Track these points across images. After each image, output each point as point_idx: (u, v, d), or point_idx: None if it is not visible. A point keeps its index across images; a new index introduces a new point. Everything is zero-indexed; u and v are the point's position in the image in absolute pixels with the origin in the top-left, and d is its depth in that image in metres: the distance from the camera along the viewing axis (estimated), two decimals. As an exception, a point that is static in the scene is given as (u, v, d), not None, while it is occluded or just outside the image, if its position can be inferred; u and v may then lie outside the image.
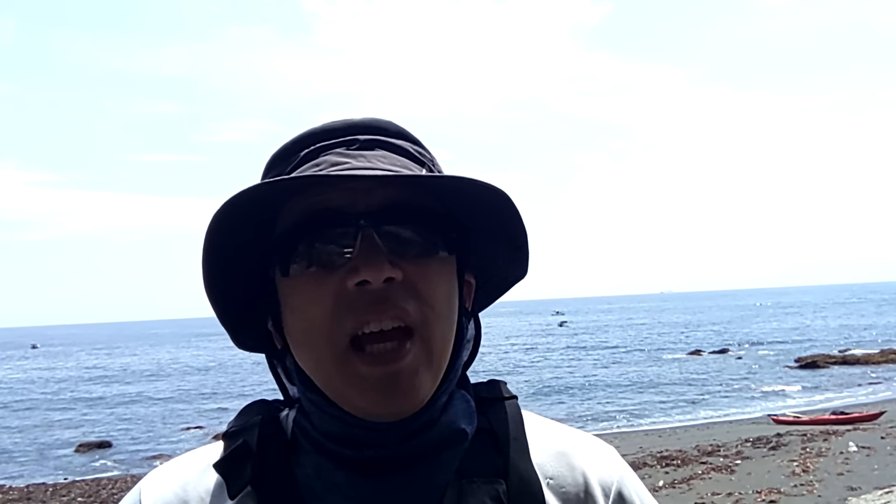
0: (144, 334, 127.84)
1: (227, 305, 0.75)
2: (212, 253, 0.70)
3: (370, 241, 0.65)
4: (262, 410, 0.76)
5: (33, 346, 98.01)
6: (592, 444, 0.79)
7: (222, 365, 49.02)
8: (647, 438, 16.71)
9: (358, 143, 0.72)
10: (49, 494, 14.37)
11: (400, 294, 0.66)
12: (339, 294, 0.65)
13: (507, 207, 0.72)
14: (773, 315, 77.90)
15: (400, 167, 0.71)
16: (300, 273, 0.68)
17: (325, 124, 0.75)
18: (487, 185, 0.68)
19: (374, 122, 0.76)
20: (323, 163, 0.70)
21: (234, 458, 0.71)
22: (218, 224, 0.67)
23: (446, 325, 0.70)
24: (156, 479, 0.75)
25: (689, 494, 9.86)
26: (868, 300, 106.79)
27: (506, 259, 0.80)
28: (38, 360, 67.31)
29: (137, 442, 22.30)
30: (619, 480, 0.77)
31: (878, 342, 40.23)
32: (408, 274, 0.66)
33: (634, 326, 70.73)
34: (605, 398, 26.41)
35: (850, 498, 8.66)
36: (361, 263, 0.64)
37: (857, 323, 59.07)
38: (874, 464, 10.59)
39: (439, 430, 0.69)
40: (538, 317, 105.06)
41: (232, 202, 0.65)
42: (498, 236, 0.76)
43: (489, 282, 0.82)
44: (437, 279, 0.69)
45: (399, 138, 0.76)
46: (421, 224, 0.69)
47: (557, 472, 0.75)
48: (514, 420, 0.76)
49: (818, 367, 31.13)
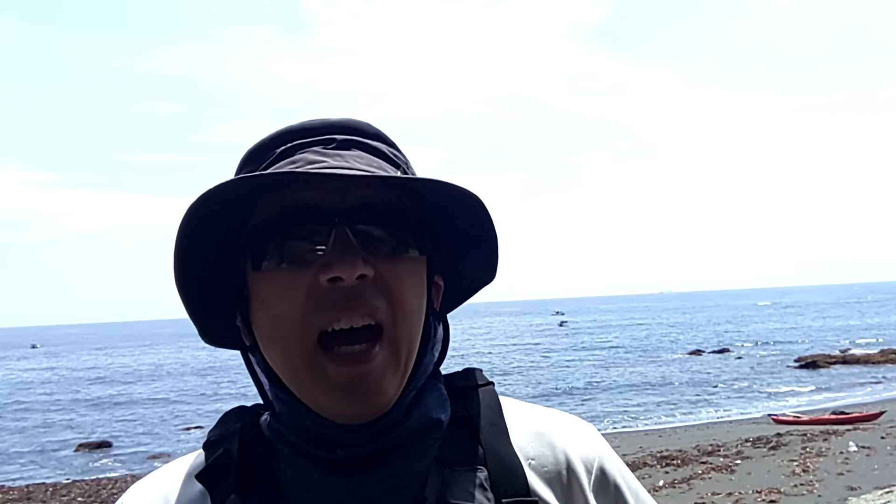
0: (144, 334, 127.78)
1: (195, 299, 0.74)
2: (185, 246, 0.69)
3: (344, 238, 0.66)
4: (241, 417, 0.76)
5: (33, 345, 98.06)
6: (571, 423, 0.80)
7: (222, 365, 49.01)
8: (647, 438, 16.71)
9: (335, 143, 0.73)
10: (49, 494, 14.38)
11: (371, 291, 0.66)
12: (312, 289, 0.66)
13: (480, 212, 0.72)
14: (773, 315, 77.88)
15: (376, 168, 0.72)
16: (272, 268, 0.68)
17: (303, 122, 0.76)
18: (461, 189, 0.69)
19: (350, 122, 0.76)
20: (299, 160, 0.70)
21: (216, 467, 0.71)
22: (192, 218, 0.67)
23: (414, 325, 0.70)
24: (138, 492, 0.75)
25: (689, 494, 9.86)
26: (868, 300, 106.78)
27: (475, 262, 0.80)
28: (38, 360, 67.28)
29: (137, 442, 22.29)
30: (600, 456, 0.78)
31: (878, 342, 40.25)
32: (379, 272, 0.67)
33: (634, 326, 70.68)
34: (604, 398, 26.41)
35: (850, 498, 8.66)
36: (335, 259, 0.65)
37: (857, 323, 59.09)
38: (874, 464, 10.59)
39: (410, 425, 0.70)
40: (538, 317, 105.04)
41: (208, 196, 0.66)
42: (469, 240, 0.77)
43: (457, 284, 0.83)
44: (408, 278, 0.70)
45: (375, 139, 0.76)
46: (394, 224, 0.69)
47: (538, 452, 0.75)
48: (492, 406, 0.76)
49: (818, 367, 31.13)
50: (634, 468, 11.98)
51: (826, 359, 32.85)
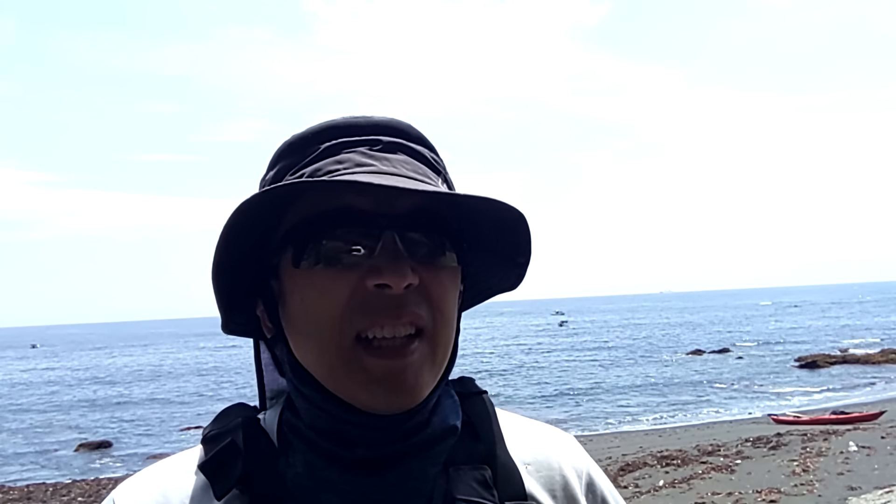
0: (144, 334, 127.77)
1: (226, 289, 0.74)
2: (228, 241, 0.69)
3: (392, 245, 0.66)
4: (241, 413, 0.76)
5: (32, 345, 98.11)
6: (558, 434, 0.84)
7: (222, 365, 48.99)
8: (647, 438, 16.70)
9: (381, 145, 0.72)
10: (49, 494, 14.37)
11: (416, 300, 0.67)
12: (355, 292, 0.66)
13: (521, 228, 0.73)
14: (773, 315, 77.84)
15: (421, 175, 0.72)
16: (314, 265, 0.68)
17: (347, 118, 0.75)
18: (508, 207, 0.69)
19: (396, 123, 0.76)
20: (346, 161, 0.70)
21: (220, 458, 0.70)
22: (241, 215, 0.67)
23: (451, 331, 0.72)
24: (131, 487, 0.73)
25: (690, 494, 9.84)
26: (869, 300, 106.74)
27: (501, 273, 0.81)
28: (38, 360, 67.28)
29: (137, 442, 22.29)
30: (588, 466, 0.82)
31: (878, 342, 40.25)
32: (423, 280, 0.67)
33: (634, 326, 70.68)
34: (605, 398, 26.39)
35: (850, 497, 8.65)
36: (385, 266, 0.65)
37: (857, 323, 59.07)
38: (874, 463, 10.58)
39: (432, 429, 0.70)
40: (538, 317, 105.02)
41: (262, 196, 0.65)
42: (499, 252, 0.77)
43: (471, 289, 0.83)
44: (448, 286, 0.71)
45: (419, 143, 0.76)
46: (438, 233, 0.70)
47: (533, 458, 0.78)
48: (488, 412, 0.79)
49: (818, 367, 31.13)
50: (634, 468, 11.98)
51: (826, 359, 32.85)
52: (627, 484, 10.68)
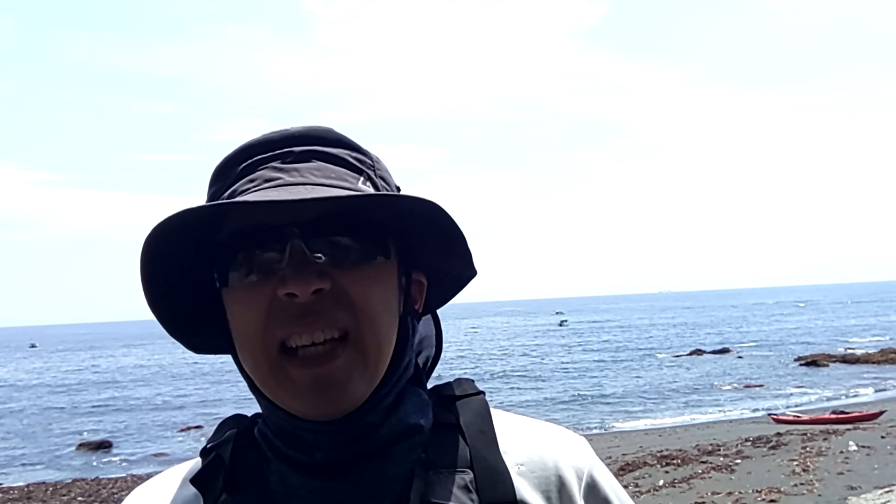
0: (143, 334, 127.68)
1: (173, 317, 0.76)
2: (149, 270, 0.71)
3: (298, 252, 0.67)
4: (236, 424, 0.79)
5: (32, 345, 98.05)
6: (563, 434, 0.81)
7: (222, 366, 49.02)
8: (648, 438, 16.71)
9: (293, 156, 0.73)
10: (49, 494, 14.39)
11: (329, 305, 0.67)
12: (272, 303, 0.67)
13: (440, 216, 0.71)
14: (773, 314, 77.88)
15: (335, 178, 0.72)
16: (237, 282, 0.70)
17: (262, 136, 0.76)
18: (415, 199, 0.68)
19: (311, 131, 0.76)
20: (257, 178, 0.71)
21: (208, 471, 0.74)
22: (150, 247, 0.69)
23: (383, 329, 0.71)
24: (140, 495, 0.79)
25: (690, 494, 9.85)
26: (868, 300, 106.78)
27: (453, 260, 0.80)
28: (37, 360, 67.28)
29: (137, 441, 22.29)
30: (590, 466, 0.78)
31: (878, 342, 40.26)
32: (338, 283, 0.68)
33: (634, 326, 70.72)
34: (604, 398, 26.40)
35: (850, 497, 8.65)
36: (289, 275, 0.66)
37: (857, 322, 59.08)
38: (874, 463, 10.58)
39: (387, 429, 0.71)
40: (538, 316, 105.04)
41: (161, 227, 0.67)
42: (438, 241, 0.76)
43: (443, 280, 0.82)
44: (372, 285, 0.70)
45: (336, 146, 0.76)
46: (353, 233, 0.70)
47: (528, 458, 0.76)
48: (481, 414, 0.77)
49: (818, 367, 31.16)
50: (635, 468, 11.99)
51: (826, 358, 32.89)
52: (627, 483, 10.68)
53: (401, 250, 0.74)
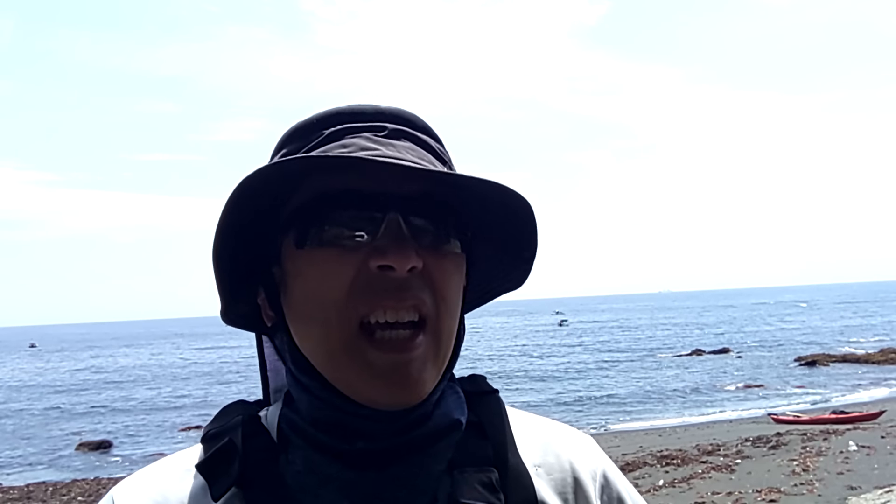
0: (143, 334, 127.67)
1: (227, 276, 0.72)
2: (228, 223, 0.67)
3: (397, 226, 0.65)
4: (241, 411, 0.74)
5: (32, 345, 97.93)
6: (574, 434, 0.81)
7: (222, 365, 49.00)
8: (647, 438, 16.70)
9: (386, 131, 0.71)
10: (49, 493, 14.37)
11: (419, 284, 0.65)
12: (359, 273, 0.65)
13: (529, 220, 0.71)
14: (773, 314, 77.84)
15: (427, 163, 0.70)
16: (317, 246, 0.66)
17: (352, 106, 0.74)
18: (515, 194, 0.68)
19: (401, 112, 0.75)
20: (350, 145, 0.69)
21: (218, 457, 0.68)
22: (241, 194, 0.65)
23: (454, 322, 0.70)
24: (130, 486, 0.71)
25: (690, 494, 9.85)
26: (868, 300, 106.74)
27: (505, 270, 0.79)
28: (37, 360, 67.23)
29: (137, 441, 22.28)
30: (603, 466, 0.79)
31: (878, 342, 40.24)
32: (427, 265, 0.66)
33: (634, 326, 70.68)
34: (604, 398, 26.38)
35: (850, 497, 8.65)
36: (389, 248, 0.64)
37: (857, 322, 59.07)
38: (874, 463, 10.58)
39: (434, 423, 0.69)
40: (538, 316, 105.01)
41: (262, 172, 0.64)
42: (507, 245, 0.76)
43: (475, 289, 0.81)
44: (453, 274, 0.69)
45: (423, 132, 0.75)
46: (442, 218, 0.68)
47: (544, 460, 0.76)
48: (499, 413, 0.77)
49: (818, 367, 31.16)
50: (635, 468, 11.98)
51: (826, 358, 32.89)
52: (627, 483, 10.67)
53: (469, 247, 0.73)
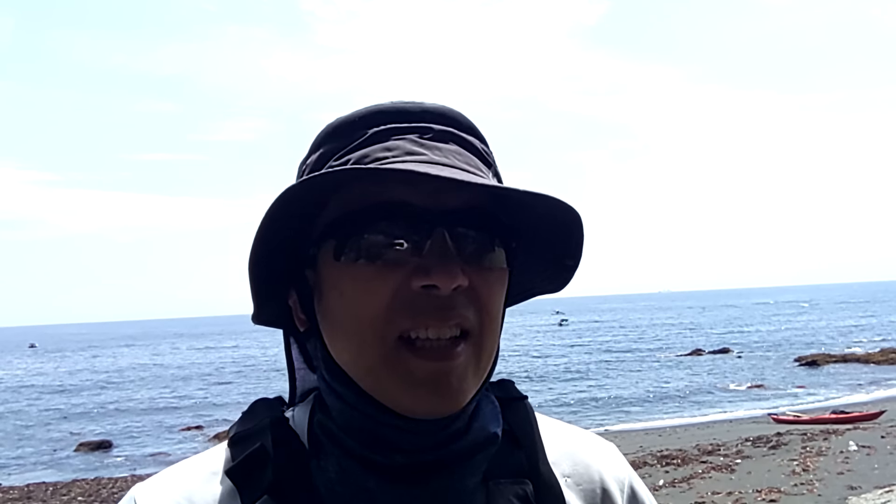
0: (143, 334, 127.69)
1: (262, 279, 0.70)
2: (270, 225, 0.65)
3: (442, 243, 0.62)
4: (268, 412, 0.72)
5: (32, 345, 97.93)
6: (600, 444, 0.81)
7: (222, 365, 49.00)
8: (648, 437, 16.69)
9: (432, 133, 0.68)
10: (49, 494, 14.36)
11: (463, 302, 0.63)
12: (400, 290, 0.62)
13: (577, 229, 0.69)
14: (773, 314, 77.84)
15: (473, 167, 0.67)
16: (357, 259, 0.63)
17: (396, 104, 0.70)
18: (565, 206, 0.65)
19: (447, 111, 0.71)
20: (396, 148, 0.65)
21: (249, 463, 0.66)
22: (284, 201, 0.62)
23: (497, 334, 0.68)
24: (153, 487, 0.68)
25: (690, 493, 9.84)
26: (868, 299, 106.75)
27: (547, 274, 0.77)
28: (37, 360, 67.24)
29: (137, 441, 22.27)
30: (630, 477, 0.79)
31: (878, 342, 40.25)
32: (472, 281, 0.63)
33: (634, 326, 70.68)
34: (604, 397, 26.38)
35: (850, 497, 8.65)
36: (434, 266, 0.61)
37: (857, 322, 59.04)
38: (874, 463, 10.58)
39: (472, 436, 0.66)
40: (538, 316, 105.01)
41: (311, 182, 0.61)
42: (550, 253, 0.73)
43: (514, 287, 0.78)
44: (497, 288, 0.67)
45: (469, 133, 0.71)
46: (489, 231, 0.66)
47: (573, 470, 0.75)
48: (530, 420, 0.75)
49: (818, 366, 31.14)
50: (635, 468, 11.68)
51: (826, 358, 32.85)
52: (627, 483, 10.68)
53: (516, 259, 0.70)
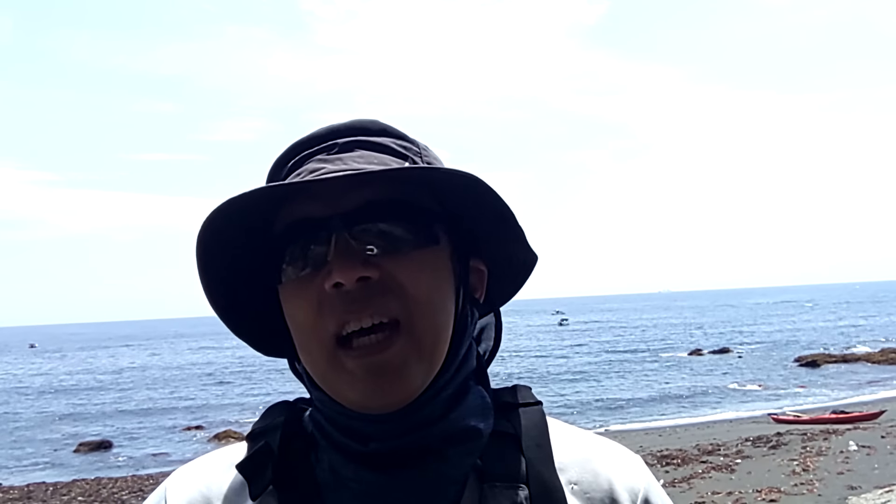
0: (144, 334, 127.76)
1: (234, 315, 0.77)
2: (208, 272, 0.72)
3: (343, 242, 0.67)
4: (284, 411, 0.77)
5: (32, 345, 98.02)
6: (618, 452, 0.79)
7: (222, 365, 49.04)
8: (648, 437, 16.71)
9: (337, 148, 0.74)
10: (49, 493, 14.38)
11: (377, 291, 0.66)
12: (320, 296, 0.67)
13: (484, 190, 0.70)
14: (773, 314, 77.93)
15: (376, 164, 0.71)
16: (289, 279, 0.70)
17: (311, 133, 0.77)
18: (449, 171, 0.68)
19: (356, 123, 0.76)
20: (303, 171, 0.72)
21: (256, 458, 0.72)
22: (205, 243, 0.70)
23: (438, 317, 0.69)
24: (181, 477, 0.77)
25: (690, 493, 9.86)
26: (868, 299, 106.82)
27: (513, 243, 0.78)
28: (37, 360, 67.32)
29: (137, 441, 22.31)
30: (645, 488, 0.77)
31: (878, 341, 40.28)
32: (387, 270, 0.67)
33: (634, 325, 70.76)
34: (605, 397, 26.41)
35: (850, 497, 8.67)
36: (335, 266, 0.66)
37: (857, 322, 59.11)
38: (874, 463, 10.59)
39: (444, 426, 0.69)
40: (538, 316, 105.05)
41: (211, 221, 0.68)
42: (490, 221, 0.74)
43: (511, 266, 0.81)
44: (422, 271, 0.69)
45: (380, 135, 0.76)
46: (399, 219, 0.69)
47: (582, 477, 0.74)
48: (538, 425, 0.75)
49: (818, 366, 31.17)
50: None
51: (826, 358, 32.90)
52: (627, 483, 10.69)
53: (454, 236, 0.73)
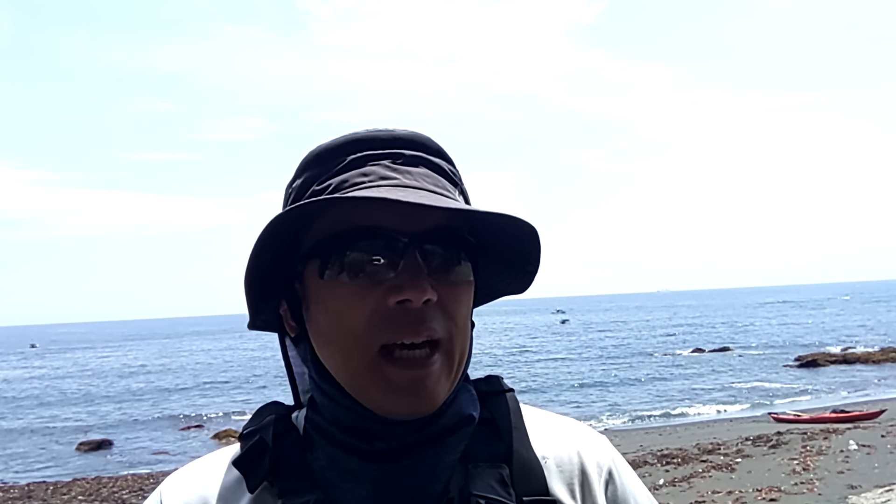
0: (143, 333, 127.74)
1: (256, 293, 0.79)
2: (261, 250, 0.73)
3: (414, 261, 0.71)
4: (274, 410, 0.81)
5: (32, 345, 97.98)
6: (587, 431, 0.86)
7: (222, 364, 49.06)
8: (648, 437, 16.70)
9: (403, 158, 0.76)
10: (50, 493, 14.37)
11: (433, 314, 0.71)
12: (378, 307, 0.70)
13: (534, 242, 0.77)
14: (773, 313, 77.87)
15: (441, 189, 0.75)
16: (338, 278, 0.72)
17: (369, 132, 0.78)
18: (522, 223, 0.73)
19: (417, 136, 0.79)
20: (371, 174, 0.74)
21: (252, 454, 0.76)
22: (276, 225, 0.71)
23: (465, 340, 0.76)
24: (175, 481, 0.80)
25: (690, 493, 9.85)
26: (868, 299, 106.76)
27: (510, 279, 0.86)
28: (37, 359, 67.30)
29: (138, 441, 22.30)
30: (612, 462, 0.83)
31: (878, 341, 40.25)
32: (442, 296, 0.72)
33: (635, 325, 70.74)
34: (605, 396, 26.43)
35: (850, 496, 8.66)
36: (406, 283, 0.70)
37: (857, 321, 59.03)
38: (874, 462, 10.58)
39: (445, 420, 0.75)
40: (539, 315, 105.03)
41: (300, 209, 0.70)
42: (512, 261, 0.82)
43: (480, 290, 0.86)
44: (464, 301, 0.75)
45: (437, 156, 0.79)
46: (456, 249, 0.74)
47: (554, 452, 0.80)
48: (514, 410, 0.81)
49: (819, 366, 31.14)
50: (635, 466, 11.91)
51: (826, 357, 32.85)
52: (628, 482, 10.68)
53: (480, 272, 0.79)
